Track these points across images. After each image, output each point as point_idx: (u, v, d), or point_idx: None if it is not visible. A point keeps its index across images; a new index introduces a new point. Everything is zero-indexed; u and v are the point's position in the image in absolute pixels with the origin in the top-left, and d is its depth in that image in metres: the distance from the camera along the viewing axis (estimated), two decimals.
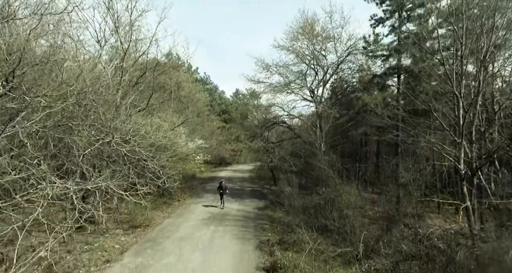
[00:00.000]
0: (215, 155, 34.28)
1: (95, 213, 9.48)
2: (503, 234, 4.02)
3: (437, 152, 7.40)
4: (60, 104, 6.03)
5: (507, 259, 3.58)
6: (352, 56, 15.77)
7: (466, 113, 6.88)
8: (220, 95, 47.62)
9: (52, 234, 4.85)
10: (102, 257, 7.26)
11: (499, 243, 3.89)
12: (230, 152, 45.80)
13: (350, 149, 20.82)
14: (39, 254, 5.86)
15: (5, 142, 4.81)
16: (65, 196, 5.66)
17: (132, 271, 6.50)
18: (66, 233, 7.92)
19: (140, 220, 10.34)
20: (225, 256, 7.49)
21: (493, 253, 3.77)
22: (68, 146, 6.65)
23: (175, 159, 12.10)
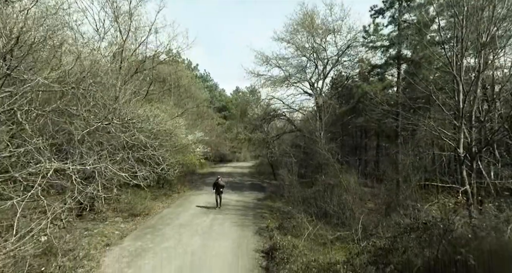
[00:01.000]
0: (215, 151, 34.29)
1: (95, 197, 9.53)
2: (501, 209, 4.02)
3: (437, 137, 7.39)
4: (59, 87, 6.03)
5: (505, 229, 3.58)
6: (352, 48, 15.73)
7: (466, 96, 6.86)
8: (220, 92, 47.56)
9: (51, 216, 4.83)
10: (102, 242, 7.26)
11: (497, 216, 3.88)
12: (230, 149, 45.85)
13: (350, 144, 20.81)
14: (40, 239, 5.89)
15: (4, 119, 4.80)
16: (64, 176, 5.66)
17: (131, 253, 6.51)
18: (66, 219, 7.97)
19: (140, 209, 10.36)
20: (224, 240, 7.51)
21: (490, 224, 3.77)
22: (67, 131, 6.64)
23: (175, 149, 12.11)
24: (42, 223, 4.15)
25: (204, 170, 28.38)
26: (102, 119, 6.34)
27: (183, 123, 14.45)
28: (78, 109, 6.36)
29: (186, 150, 13.96)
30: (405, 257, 3.99)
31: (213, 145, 29.56)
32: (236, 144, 48.53)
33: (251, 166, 34.64)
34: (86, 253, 6.30)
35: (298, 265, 5.08)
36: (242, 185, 18.35)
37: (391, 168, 9.32)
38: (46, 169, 4.92)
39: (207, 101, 30.59)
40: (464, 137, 7.13)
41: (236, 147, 49.19)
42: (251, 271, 5.71)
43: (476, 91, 7.15)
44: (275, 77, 16.77)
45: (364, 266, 4.29)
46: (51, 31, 7.09)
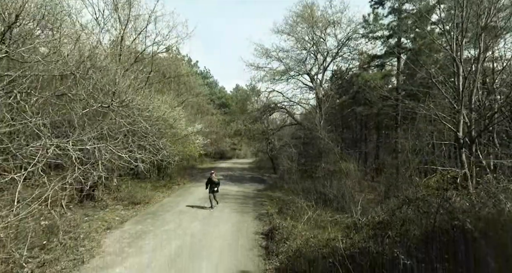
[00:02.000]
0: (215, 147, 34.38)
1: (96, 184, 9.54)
2: (499, 181, 4.04)
3: (436, 121, 7.40)
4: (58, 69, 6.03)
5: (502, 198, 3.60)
6: (352, 41, 15.70)
7: (465, 78, 6.85)
8: (220, 89, 47.52)
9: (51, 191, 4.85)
10: (102, 226, 7.29)
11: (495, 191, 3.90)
12: (230, 145, 45.85)
13: (350, 138, 20.82)
14: (40, 223, 5.92)
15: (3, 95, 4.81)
16: (65, 156, 5.67)
17: (132, 235, 6.54)
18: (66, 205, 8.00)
19: (140, 198, 10.39)
20: (223, 224, 7.54)
21: (488, 194, 3.79)
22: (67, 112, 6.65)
23: (175, 139, 12.15)
24: (42, 197, 4.17)
25: (204, 166, 28.52)
26: (101, 102, 6.35)
27: (183, 115, 14.49)
28: (77, 92, 6.36)
29: (186, 141, 13.97)
30: (404, 228, 4.02)
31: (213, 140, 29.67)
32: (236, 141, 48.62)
33: (251, 162, 34.74)
34: (86, 235, 6.34)
35: (298, 242, 5.11)
36: (242, 178, 18.38)
37: (390, 156, 9.33)
38: (46, 147, 4.94)
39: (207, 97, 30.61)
40: (463, 120, 7.15)
41: (236, 144, 49.27)
42: (251, 250, 5.74)
43: (476, 75, 7.15)
44: (275, 70, 16.74)
45: (363, 240, 4.32)
46: (50, 14, 7.10)
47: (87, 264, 4.96)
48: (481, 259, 3.12)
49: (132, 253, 5.47)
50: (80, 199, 9.48)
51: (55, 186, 4.46)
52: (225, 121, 34.35)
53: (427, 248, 3.49)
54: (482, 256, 3.13)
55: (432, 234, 3.55)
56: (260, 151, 28.01)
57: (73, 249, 5.36)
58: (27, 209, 3.92)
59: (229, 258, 5.34)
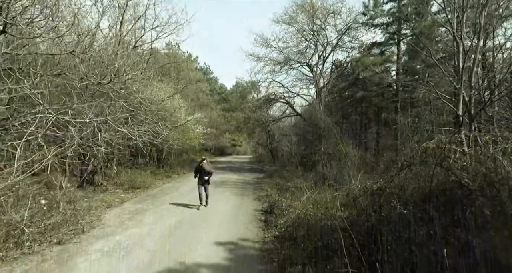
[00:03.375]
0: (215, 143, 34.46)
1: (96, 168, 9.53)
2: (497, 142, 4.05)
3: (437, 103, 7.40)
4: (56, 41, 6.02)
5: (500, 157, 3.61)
6: (352, 30, 15.65)
7: (466, 56, 6.83)
8: (220, 85, 47.50)
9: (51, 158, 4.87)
10: (103, 205, 7.32)
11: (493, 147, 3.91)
12: (230, 141, 45.88)
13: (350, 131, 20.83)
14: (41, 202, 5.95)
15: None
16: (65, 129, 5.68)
17: (132, 212, 6.57)
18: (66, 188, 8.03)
19: (140, 183, 10.43)
20: (224, 204, 7.58)
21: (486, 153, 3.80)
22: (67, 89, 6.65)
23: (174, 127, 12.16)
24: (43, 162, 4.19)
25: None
26: (100, 78, 6.35)
27: (183, 105, 14.51)
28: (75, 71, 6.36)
29: (186, 129, 13.99)
30: (402, 193, 4.03)
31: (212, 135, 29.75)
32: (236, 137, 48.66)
33: (251, 157, 34.87)
34: (86, 211, 6.36)
35: (297, 212, 5.13)
36: (241, 168, 18.44)
37: (390, 139, 9.33)
38: (45, 117, 4.95)
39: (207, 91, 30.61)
40: (463, 99, 7.14)
41: (236, 140, 49.36)
42: (250, 223, 5.77)
43: (476, 52, 7.13)
44: (274, 59, 16.70)
45: (362, 206, 4.34)
46: None
47: (88, 233, 4.99)
48: (477, 213, 3.14)
49: (132, 225, 5.50)
50: (80, 183, 9.51)
51: (54, 151, 4.47)
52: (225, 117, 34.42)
53: (425, 206, 3.51)
54: (479, 210, 3.15)
55: (429, 193, 3.56)
56: (260, 145, 28.04)
57: (73, 221, 5.39)
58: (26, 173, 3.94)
59: (228, 229, 5.37)
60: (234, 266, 3.77)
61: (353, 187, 5.20)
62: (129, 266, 3.70)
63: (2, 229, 4.13)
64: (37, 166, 4.06)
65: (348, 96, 16.68)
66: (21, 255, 3.96)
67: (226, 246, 4.49)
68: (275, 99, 17.19)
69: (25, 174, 3.99)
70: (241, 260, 3.98)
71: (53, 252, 4.13)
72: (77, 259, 3.92)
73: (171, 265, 3.76)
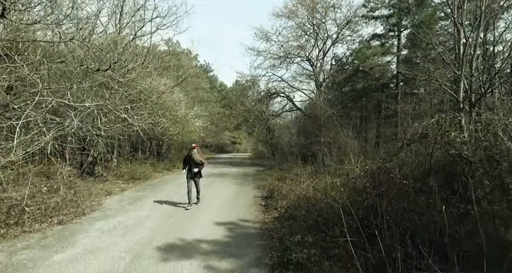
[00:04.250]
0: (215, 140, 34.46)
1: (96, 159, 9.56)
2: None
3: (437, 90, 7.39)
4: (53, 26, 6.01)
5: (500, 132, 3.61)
6: (352, 24, 15.61)
7: (467, 40, 6.82)
8: (220, 83, 47.49)
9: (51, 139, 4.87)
10: (103, 193, 7.34)
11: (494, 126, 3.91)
12: (230, 138, 45.89)
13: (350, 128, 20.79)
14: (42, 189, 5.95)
15: None
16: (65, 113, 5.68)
17: (132, 198, 6.59)
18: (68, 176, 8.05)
19: (140, 174, 10.45)
20: (224, 191, 7.60)
21: (486, 128, 3.80)
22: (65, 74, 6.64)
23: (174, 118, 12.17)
24: (42, 142, 4.19)
25: (205, 156, 28.65)
26: (100, 64, 6.34)
27: (182, 99, 14.51)
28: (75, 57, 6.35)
29: (186, 123, 13.99)
30: (402, 170, 4.04)
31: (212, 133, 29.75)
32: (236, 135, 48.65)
33: (252, 155, 34.90)
34: (87, 197, 6.38)
35: (296, 193, 5.14)
36: (242, 163, 18.46)
37: (391, 130, 9.33)
38: (44, 100, 4.96)
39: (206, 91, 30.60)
40: (463, 86, 7.13)
41: (236, 138, 49.38)
42: (250, 207, 5.78)
43: (477, 38, 7.11)
44: (274, 53, 16.67)
45: (362, 185, 4.34)
46: None
47: (88, 215, 5.00)
48: (476, 184, 3.14)
49: (132, 209, 5.51)
50: (80, 174, 9.53)
51: (54, 132, 4.48)
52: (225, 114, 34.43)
53: (425, 180, 3.51)
54: (478, 181, 3.16)
55: (429, 168, 3.57)
56: (260, 141, 28.04)
57: (73, 205, 5.40)
58: (26, 151, 3.94)
59: (228, 212, 5.38)
60: (234, 242, 3.78)
61: (353, 168, 5.20)
62: (129, 241, 3.71)
63: (2, 207, 4.14)
64: (37, 144, 4.07)
65: (348, 91, 16.65)
66: (22, 233, 3.97)
67: (226, 226, 4.50)
68: (276, 93, 17.18)
69: (25, 152, 3.99)
70: (241, 237, 3.99)
71: (54, 230, 4.14)
72: (78, 236, 3.93)
73: (171, 241, 3.77)
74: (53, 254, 3.30)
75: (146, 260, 3.18)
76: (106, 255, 3.29)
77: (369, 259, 2.66)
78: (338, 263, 2.74)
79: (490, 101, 7.58)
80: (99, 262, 3.10)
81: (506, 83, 7.01)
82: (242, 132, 49.62)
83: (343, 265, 2.72)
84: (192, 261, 3.15)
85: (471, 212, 2.86)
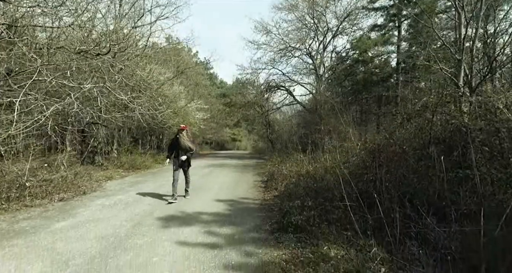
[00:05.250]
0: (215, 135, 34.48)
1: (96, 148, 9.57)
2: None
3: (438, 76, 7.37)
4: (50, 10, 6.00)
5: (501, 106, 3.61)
6: (352, 16, 15.55)
7: (467, 23, 6.79)
8: (220, 80, 47.45)
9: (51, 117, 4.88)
10: (104, 179, 7.36)
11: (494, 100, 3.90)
12: (230, 135, 45.93)
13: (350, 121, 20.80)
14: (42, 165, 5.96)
15: None
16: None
17: (132, 182, 6.62)
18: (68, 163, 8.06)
19: (140, 164, 10.47)
20: (224, 178, 7.61)
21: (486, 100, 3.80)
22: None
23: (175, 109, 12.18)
24: (42, 117, 4.20)
25: (205, 152, 28.80)
26: (100, 48, 6.34)
27: (182, 91, 14.51)
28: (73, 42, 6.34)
29: (186, 115, 14.00)
30: (403, 143, 4.04)
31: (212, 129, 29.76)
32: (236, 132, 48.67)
33: (252, 151, 34.96)
34: (88, 178, 6.40)
35: (296, 171, 5.15)
36: (242, 157, 18.51)
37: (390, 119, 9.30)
38: (44, 81, 4.96)
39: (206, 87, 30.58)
40: (464, 70, 7.11)
41: (236, 135, 49.43)
42: (250, 188, 5.80)
43: (478, 22, 7.09)
44: (274, 46, 16.63)
45: (362, 160, 4.35)
46: None
47: (89, 194, 5.02)
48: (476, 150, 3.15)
49: (132, 190, 5.53)
50: (81, 162, 9.56)
51: (54, 105, 4.49)
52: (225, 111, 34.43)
53: (425, 150, 3.52)
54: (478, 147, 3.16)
55: (429, 141, 3.57)
56: (260, 136, 28.06)
57: (74, 185, 5.42)
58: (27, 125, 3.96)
59: (228, 192, 5.40)
60: (234, 214, 3.80)
61: (353, 146, 5.21)
62: (130, 213, 3.73)
63: (3, 182, 4.16)
64: (37, 116, 4.07)
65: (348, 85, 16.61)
66: (23, 207, 4.00)
67: (226, 202, 4.52)
68: (276, 86, 17.16)
69: (25, 127, 4.00)
70: (241, 210, 4.01)
71: (55, 206, 4.16)
72: (79, 209, 3.95)
73: (171, 213, 3.79)
74: (55, 223, 3.32)
75: (146, 227, 3.20)
76: (107, 223, 3.31)
77: (368, 220, 2.68)
78: (337, 224, 2.75)
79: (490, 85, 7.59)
80: (101, 228, 3.12)
81: (506, 67, 6.99)
82: (242, 129, 49.68)
83: (341, 227, 2.74)
84: (193, 228, 3.17)
85: (470, 176, 2.87)
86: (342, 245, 2.49)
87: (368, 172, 3.98)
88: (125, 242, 2.73)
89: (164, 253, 2.47)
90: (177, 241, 2.76)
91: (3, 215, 3.64)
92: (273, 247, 2.61)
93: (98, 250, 2.51)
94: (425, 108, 3.97)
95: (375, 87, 13.25)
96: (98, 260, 2.32)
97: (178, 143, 4.79)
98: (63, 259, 2.32)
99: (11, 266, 2.20)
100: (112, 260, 2.32)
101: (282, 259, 2.34)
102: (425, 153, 3.39)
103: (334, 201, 3.13)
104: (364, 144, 4.61)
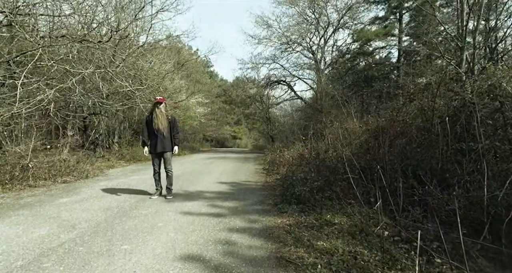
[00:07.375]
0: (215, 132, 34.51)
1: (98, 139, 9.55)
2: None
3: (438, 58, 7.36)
4: None
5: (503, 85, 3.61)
6: (353, 10, 15.51)
7: (470, 10, 6.78)
8: (221, 78, 47.42)
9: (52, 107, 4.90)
10: (105, 167, 7.38)
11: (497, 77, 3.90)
12: (231, 133, 45.99)
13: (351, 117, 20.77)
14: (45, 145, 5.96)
15: None
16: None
17: (134, 170, 6.63)
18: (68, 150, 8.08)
19: (142, 155, 10.49)
20: (226, 166, 7.63)
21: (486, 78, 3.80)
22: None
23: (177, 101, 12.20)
24: (44, 100, 4.22)
25: (205, 149, 28.88)
26: (100, 36, 6.35)
27: (183, 85, 14.53)
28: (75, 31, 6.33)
29: (187, 109, 14.03)
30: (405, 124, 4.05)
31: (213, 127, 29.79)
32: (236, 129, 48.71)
33: (252, 148, 35.02)
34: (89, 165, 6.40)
35: (299, 152, 5.16)
36: (243, 151, 18.53)
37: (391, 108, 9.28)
38: (47, 66, 4.97)
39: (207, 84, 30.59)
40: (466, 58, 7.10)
41: (236, 132, 49.47)
42: (252, 174, 5.82)
43: (481, 10, 7.08)
44: (275, 41, 16.60)
45: (364, 145, 4.36)
46: None
47: (91, 178, 5.05)
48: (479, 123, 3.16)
49: (134, 175, 5.55)
50: (82, 152, 9.57)
51: (55, 88, 4.50)
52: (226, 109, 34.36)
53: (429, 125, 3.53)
54: (481, 122, 3.17)
55: (431, 118, 3.57)
56: (261, 133, 28.08)
57: (77, 170, 5.44)
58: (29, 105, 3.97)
59: (230, 176, 5.41)
60: (237, 192, 3.81)
61: (356, 127, 5.22)
62: (133, 191, 3.75)
63: (7, 163, 4.18)
64: (39, 96, 4.08)
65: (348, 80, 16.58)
66: (27, 187, 4.02)
67: (228, 184, 4.54)
68: (277, 81, 17.14)
69: (27, 106, 4.01)
70: (244, 189, 4.02)
71: (58, 187, 4.18)
72: (82, 189, 3.97)
73: (175, 191, 3.81)
74: (59, 198, 3.34)
75: (150, 201, 3.22)
76: (111, 198, 3.33)
77: (371, 190, 2.69)
78: (341, 194, 2.77)
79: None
80: (105, 202, 3.14)
81: (508, 54, 6.98)
82: (243, 127, 49.74)
83: (345, 197, 2.75)
84: (196, 202, 3.19)
85: (473, 148, 2.88)
86: (345, 214, 2.51)
87: (370, 152, 4.00)
88: (130, 212, 2.75)
89: (168, 220, 2.49)
90: (181, 212, 2.78)
91: (7, 193, 3.67)
92: (277, 216, 2.63)
93: (104, 218, 2.53)
94: (428, 86, 3.97)
95: (376, 82, 13.22)
96: (104, 225, 2.33)
97: (154, 123, 3.33)
98: (69, 224, 2.34)
99: (19, 229, 2.22)
100: (118, 225, 2.34)
101: (286, 224, 2.36)
102: (429, 127, 3.40)
103: (337, 174, 3.14)
104: (366, 126, 4.61)
